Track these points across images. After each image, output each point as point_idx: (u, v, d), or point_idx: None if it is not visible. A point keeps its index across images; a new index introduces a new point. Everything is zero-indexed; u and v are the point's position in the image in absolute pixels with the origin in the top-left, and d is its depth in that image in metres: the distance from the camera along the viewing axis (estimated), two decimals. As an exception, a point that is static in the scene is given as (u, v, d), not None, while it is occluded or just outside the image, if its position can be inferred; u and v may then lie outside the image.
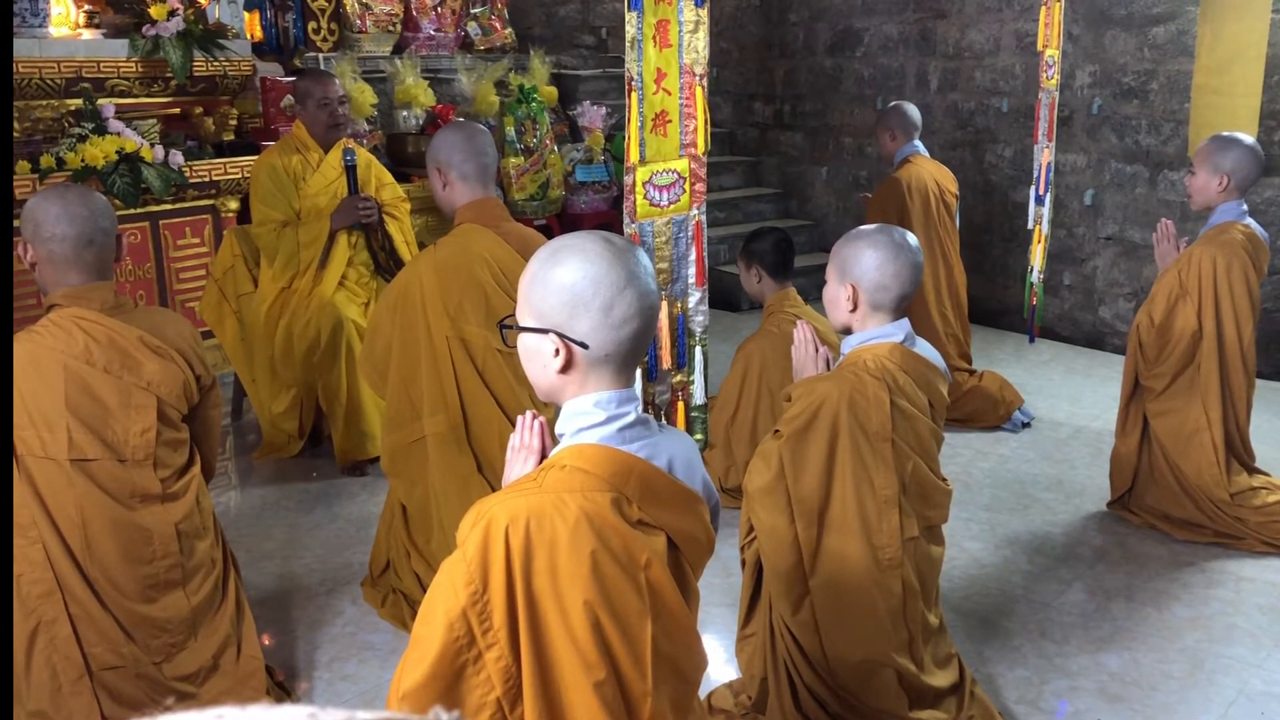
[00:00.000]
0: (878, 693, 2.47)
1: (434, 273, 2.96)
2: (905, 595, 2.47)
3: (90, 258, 2.44)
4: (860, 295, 2.43)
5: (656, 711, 1.50)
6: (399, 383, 3.03)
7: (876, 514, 2.41)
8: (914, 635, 2.51)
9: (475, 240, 3.00)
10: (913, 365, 2.46)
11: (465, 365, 2.96)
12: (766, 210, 7.95)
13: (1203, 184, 3.77)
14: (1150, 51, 5.82)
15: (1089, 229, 6.22)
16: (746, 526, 2.62)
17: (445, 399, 2.97)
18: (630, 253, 1.51)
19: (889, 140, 5.06)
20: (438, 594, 1.45)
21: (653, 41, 2.37)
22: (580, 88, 7.21)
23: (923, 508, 2.50)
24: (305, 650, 3.09)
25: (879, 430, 2.39)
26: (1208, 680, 2.93)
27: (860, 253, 2.41)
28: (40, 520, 2.36)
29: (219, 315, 4.52)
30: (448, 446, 2.98)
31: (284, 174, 4.27)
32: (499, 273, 2.96)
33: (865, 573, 2.43)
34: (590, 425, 1.52)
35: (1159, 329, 3.75)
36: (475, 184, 3.05)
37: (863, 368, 2.42)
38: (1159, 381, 3.78)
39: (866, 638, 2.45)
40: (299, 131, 4.36)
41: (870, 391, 2.39)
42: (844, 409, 2.39)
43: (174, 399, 2.51)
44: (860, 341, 2.48)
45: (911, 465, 2.45)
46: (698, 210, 2.56)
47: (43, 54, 4.73)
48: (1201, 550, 3.67)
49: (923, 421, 2.47)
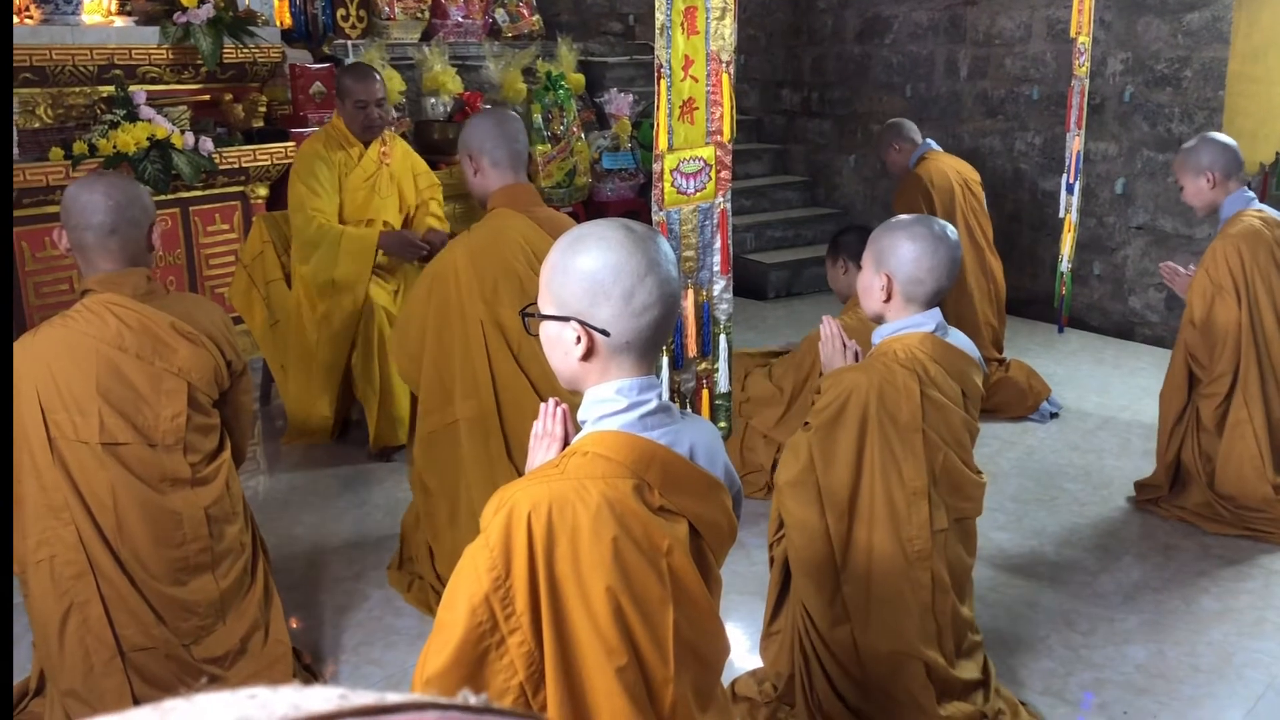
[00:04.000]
0: (906, 685, 2.46)
1: (468, 257, 2.97)
2: (934, 588, 2.45)
3: (115, 246, 2.46)
4: (895, 286, 2.41)
5: (679, 697, 1.51)
6: (432, 368, 3.04)
7: (906, 505, 2.40)
8: (943, 628, 2.49)
9: (509, 225, 3.01)
10: (944, 355, 2.44)
11: (500, 349, 2.97)
12: (793, 198, 7.92)
13: (1194, 190, 3.79)
14: (1184, 38, 5.74)
15: (1119, 218, 6.17)
16: (776, 523, 2.62)
17: (478, 383, 2.98)
18: (651, 240, 1.51)
19: (895, 154, 5.10)
20: (461, 580, 1.46)
21: (680, 28, 2.37)
22: (607, 75, 7.20)
23: (954, 499, 2.48)
24: (332, 634, 3.12)
25: (909, 421, 2.38)
26: (1236, 674, 2.90)
27: (898, 244, 2.39)
28: (73, 502, 2.39)
29: (248, 301, 4.55)
30: (478, 431, 3.00)
31: (331, 165, 4.28)
32: (533, 257, 2.96)
33: (894, 564, 2.42)
34: (612, 412, 1.53)
35: (1202, 329, 3.71)
36: (507, 170, 3.06)
37: (892, 358, 2.41)
38: (1221, 384, 3.72)
39: (895, 629, 2.44)
40: (338, 124, 4.37)
41: (900, 381, 2.37)
42: (873, 399, 2.37)
43: (205, 384, 2.54)
44: (891, 332, 2.47)
45: (942, 457, 2.43)
46: (723, 198, 2.55)
47: (75, 41, 4.77)
48: (1231, 543, 3.64)
49: (955, 412, 2.45)
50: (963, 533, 2.56)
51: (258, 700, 0.35)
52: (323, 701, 0.35)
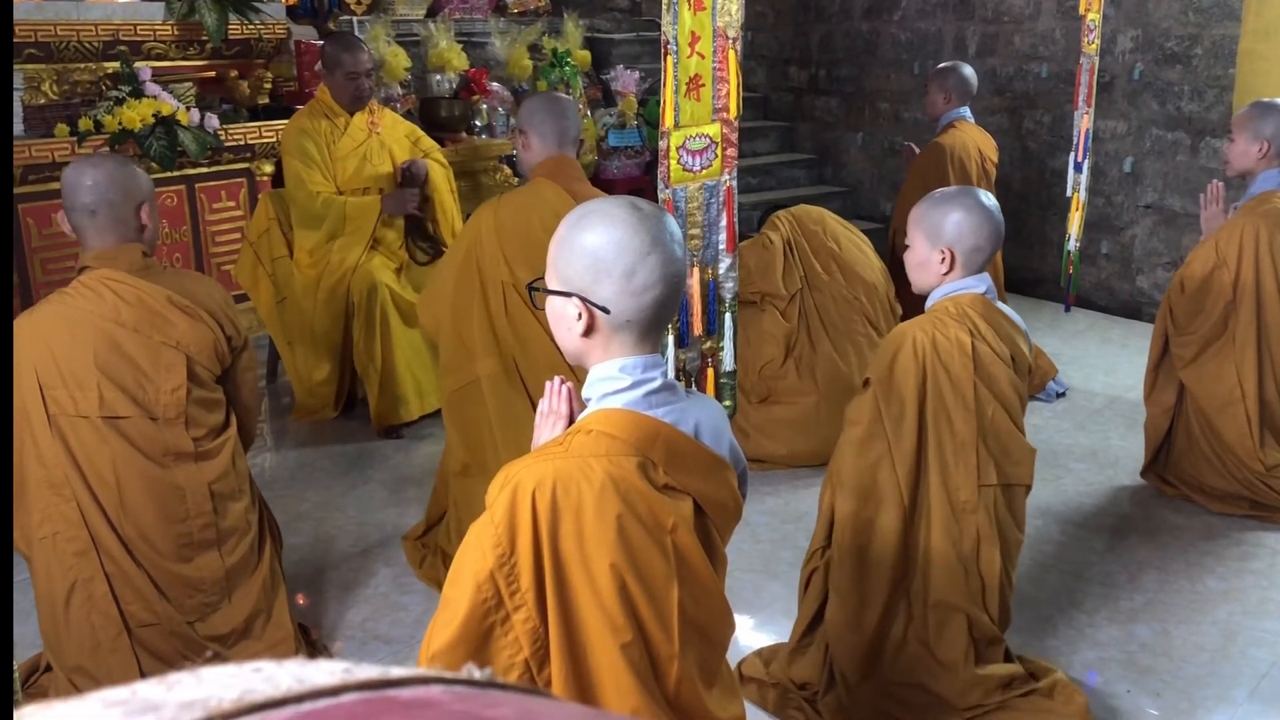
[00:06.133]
0: (949, 642, 2.50)
1: (494, 220, 3.03)
2: (980, 542, 2.47)
3: (100, 225, 2.48)
4: (957, 258, 2.46)
5: (684, 674, 1.51)
6: (452, 327, 3.08)
7: (954, 455, 2.44)
8: (987, 586, 2.51)
9: (541, 193, 3.06)
10: (994, 317, 2.50)
11: (520, 309, 2.99)
12: (800, 176, 7.89)
13: (1242, 150, 3.73)
14: (1195, 15, 5.70)
15: (1128, 197, 6.14)
16: (821, 539, 2.62)
17: (499, 340, 3.02)
18: (657, 219, 1.51)
19: (942, 101, 4.98)
20: (466, 556, 1.47)
21: (687, 4, 2.35)
22: (614, 52, 7.17)
23: (1002, 459, 2.50)
24: (338, 610, 3.13)
25: (960, 372, 2.43)
26: (1240, 653, 2.91)
27: (951, 215, 2.44)
28: (74, 478, 2.40)
29: (254, 278, 4.55)
30: (501, 387, 3.03)
31: (317, 138, 4.30)
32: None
33: (941, 515, 2.45)
34: (616, 390, 1.53)
35: (1190, 295, 3.72)
36: (552, 144, 3.12)
37: (945, 312, 2.48)
38: (1187, 349, 3.75)
39: (940, 580, 2.47)
40: (324, 95, 4.39)
41: (952, 334, 2.44)
42: (928, 347, 2.43)
43: (204, 358, 2.54)
44: (945, 293, 2.52)
45: (992, 411, 2.47)
46: (729, 176, 2.54)
47: (80, 17, 4.76)
48: (1236, 522, 3.64)
49: (1003, 370, 2.49)
50: (1011, 500, 2.56)
51: (263, 673, 0.35)
52: (327, 675, 0.36)
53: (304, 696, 0.34)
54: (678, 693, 1.52)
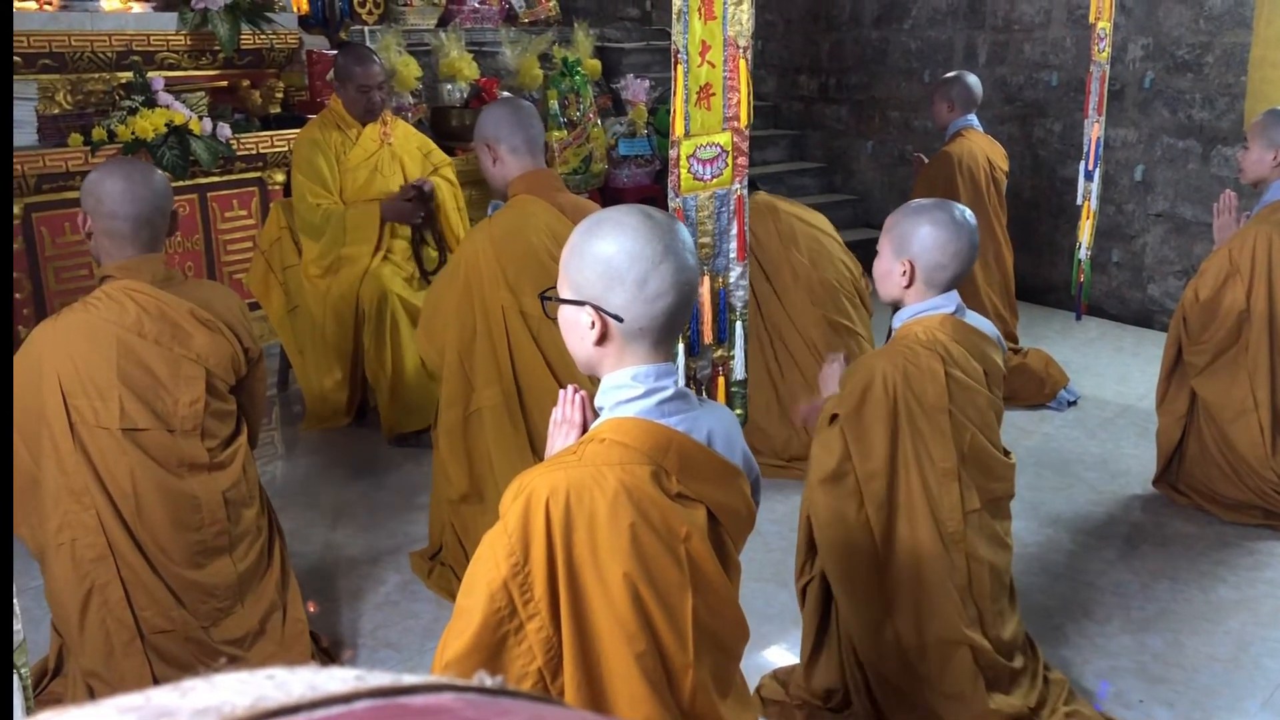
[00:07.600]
0: (955, 676, 2.44)
1: (491, 244, 2.98)
2: (970, 570, 2.44)
3: (146, 236, 2.49)
4: (917, 272, 2.40)
5: (698, 683, 1.51)
6: (455, 356, 3.04)
7: (937, 487, 2.39)
8: (984, 612, 2.48)
9: (531, 211, 3.02)
10: (965, 336, 2.44)
11: (522, 336, 2.97)
12: (810, 185, 7.89)
13: (1256, 158, 3.72)
14: (1206, 23, 5.69)
15: (1139, 205, 6.12)
16: (804, 557, 2.59)
17: (499, 370, 2.99)
18: (669, 228, 1.51)
19: (946, 110, 4.97)
20: (480, 566, 1.47)
21: (698, 13, 2.36)
22: (624, 61, 7.18)
23: (984, 480, 2.47)
24: (349, 619, 3.14)
25: (935, 401, 2.37)
26: (1253, 663, 2.89)
27: (919, 229, 2.38)
28: (93, 487, 2.41)
29: (265, 287, 4.57)
30: (502, 419, 3.01)
31: (327, 149, 4.32)
32: (555, 243, 2.96)
33: (933, 549, 2.41)
34: (629, 399, 1.53)
35: (1204, 305, 3.70)
36: (525, 156, 3.07)
37: (914, 340, 2.41)
38: (1200, 358, 3.73)
39: (941, 616, 2.43)
40: (336, 106, 4.40)
41: (924, 363, 2.37)
42: (899, 381, 2.37)
43: (222, 371, 2.55)
44: (911, 315, 2.46)
45: (970, 436, 2.42)
46: (740, 184, 2.54)
47: (94, 27, 4.79)
48: (1248, 532, 3.62)
49: (979, 392, 2.44)
50: (996, 512, 2.54)
51: (275, 680, 0.36)
52: (340, 682, 0.36)
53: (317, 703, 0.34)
54: (692, 702, 1.51)
